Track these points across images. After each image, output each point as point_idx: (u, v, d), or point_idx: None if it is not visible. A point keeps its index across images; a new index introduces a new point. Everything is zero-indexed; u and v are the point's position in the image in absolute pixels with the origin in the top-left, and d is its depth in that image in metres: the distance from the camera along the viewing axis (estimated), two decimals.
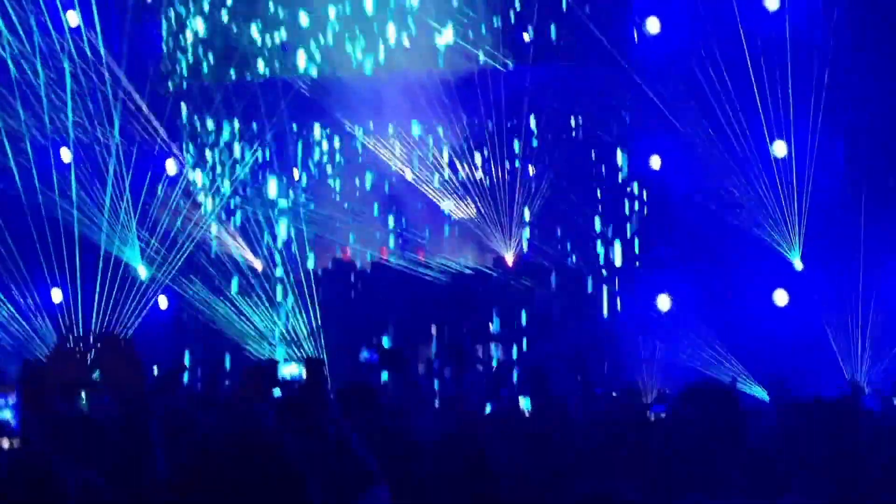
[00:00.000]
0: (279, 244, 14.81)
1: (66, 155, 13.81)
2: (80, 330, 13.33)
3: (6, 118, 13.09)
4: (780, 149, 13.52)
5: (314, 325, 13.98)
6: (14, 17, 12.75)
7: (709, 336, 13.47)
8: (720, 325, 13.54)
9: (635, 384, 10.40)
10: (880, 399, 10.31)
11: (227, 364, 13.51)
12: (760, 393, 12.65)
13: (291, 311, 13.94)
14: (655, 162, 14.52)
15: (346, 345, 13.70)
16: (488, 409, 8.86)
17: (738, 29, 13.40)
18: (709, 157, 13.81)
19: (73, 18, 13.40)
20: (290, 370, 3.47)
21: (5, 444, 4.78)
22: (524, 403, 8.47)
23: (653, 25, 14.42)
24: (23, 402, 7.20)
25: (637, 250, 14.94)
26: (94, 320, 13.46)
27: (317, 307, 13.93)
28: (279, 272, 14.34)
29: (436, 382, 10.54)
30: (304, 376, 3.70)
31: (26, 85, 13.12)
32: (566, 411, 7.13)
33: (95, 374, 5.83)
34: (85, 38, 13.37)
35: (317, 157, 16.08)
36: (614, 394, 9.41)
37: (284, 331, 13.88)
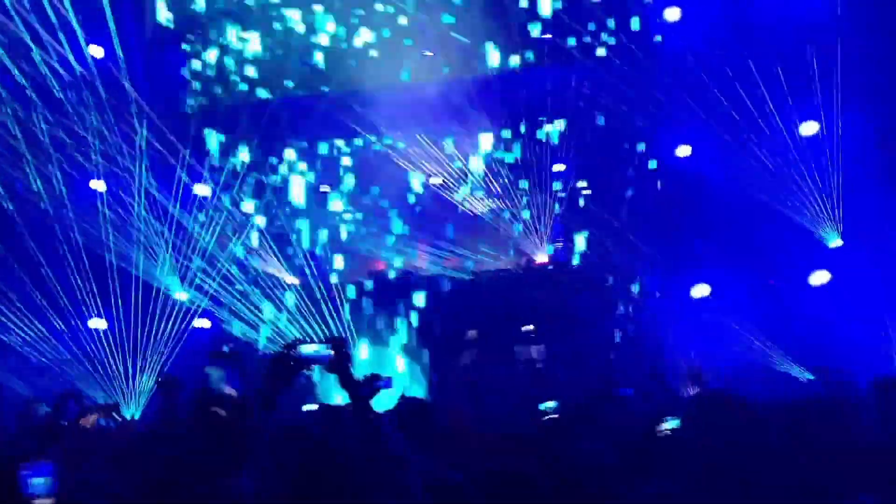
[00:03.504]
0: (311, 258, 14.89)
1: (98, 185, 14.03)
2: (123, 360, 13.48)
3: (33, 150, 13.34)
4: (809, 128, 13.31)
5: (351, 339, 14.01)
6: (34, 48, 13.00)
7: (749, 323, 13.26)
8: (760, 311, 13.33)
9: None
10: None
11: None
12: (808, 376, 12.43)
13: (325, 325, 13.99)
14: (683, 151, 14.38)
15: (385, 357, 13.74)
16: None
17: (761, 12, 13.25)
18: (737, 143, 13.63)
19: (95, 50, 13.63)
20: (311, 348, 3.45)
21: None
22: (548, 405, 8.41)
23: (672, 14, 14.31)
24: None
25: (671, 241, 14.77)
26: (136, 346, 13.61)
27: (350, 321, 13.98)
28: (312, 286, 14.40)
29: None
30: (329, 353, 3.66)
31: (52, 115, 13.36)
32: (585, 415, 7.04)
33: None
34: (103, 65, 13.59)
35: (344, 170, 16.17)
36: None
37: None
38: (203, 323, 14.49)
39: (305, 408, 8.57)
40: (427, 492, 3.89)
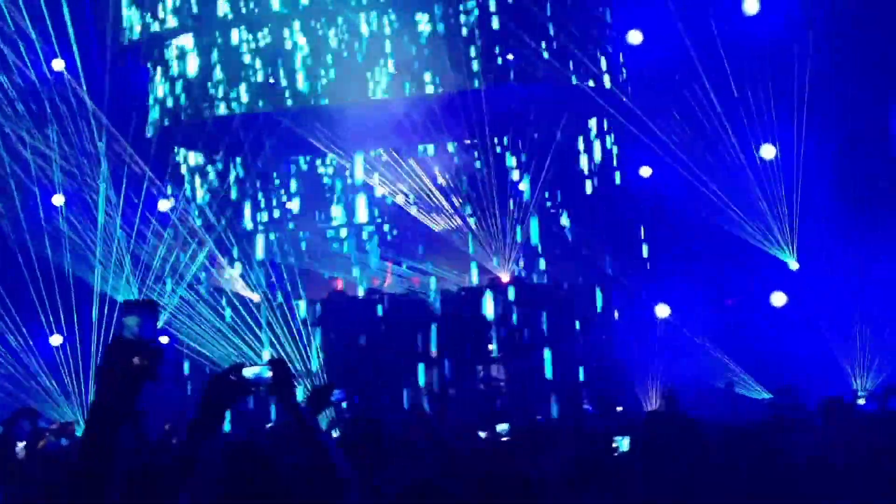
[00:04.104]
0: (272, 276, 14.82)
1: (58, 200, 13.88)
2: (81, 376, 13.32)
3: None
4: (767, 152, 13.51)
5: (313, 356, 13.94)
6: None
7: (709, 341, 13.40)
8: (719, 330, 13.48)
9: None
10: (876, 401, 10.25)
11: None
12: (762, 395, 12.59)
13: (288, 342, 13.90)
14: (645, 171, 14.53)
15: (347, 375, 13.69)
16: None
17: (719, 36, 13.41)
18: (698, 166, 13.79)
19: (56, 63, 13.51)
20: (252, 371, 3.34)
21: None
22: (501, 428, 8.43)
23: (635, 37, 14.47)
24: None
25: (632, 261, 14.89)
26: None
27: (313, 338, 13.90)
28: (274, 303, 14.30)
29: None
30: (270, 376, 3.58)
31: (11, 131, 13.21)
32: (547, 435, 7.06)
33: None
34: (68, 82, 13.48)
35: (306, 187, 16.13)
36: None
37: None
38: (162, 338, 14.33)
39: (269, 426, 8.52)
40: None
